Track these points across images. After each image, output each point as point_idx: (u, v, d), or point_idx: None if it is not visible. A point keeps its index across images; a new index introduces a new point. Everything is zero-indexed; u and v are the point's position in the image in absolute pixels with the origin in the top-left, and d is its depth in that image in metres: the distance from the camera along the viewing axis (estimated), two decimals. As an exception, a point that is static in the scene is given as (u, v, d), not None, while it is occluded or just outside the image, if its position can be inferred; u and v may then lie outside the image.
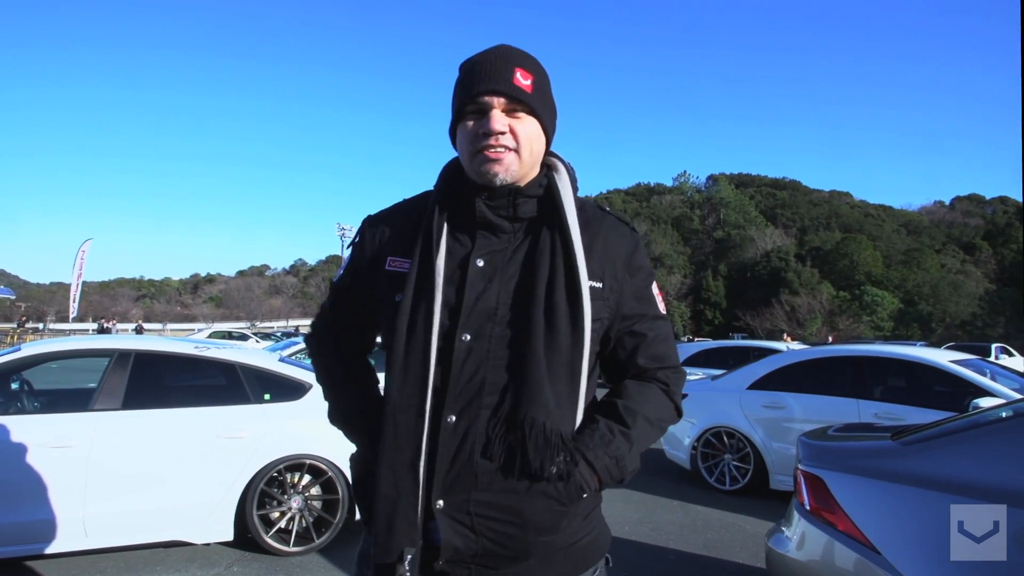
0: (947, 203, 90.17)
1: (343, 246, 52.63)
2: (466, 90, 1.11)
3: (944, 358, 5.46)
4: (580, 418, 1.12)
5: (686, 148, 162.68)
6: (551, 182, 1.16)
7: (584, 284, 1.09)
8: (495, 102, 1.09)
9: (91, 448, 3.52)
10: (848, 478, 2.41)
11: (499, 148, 1.08)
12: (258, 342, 23.03)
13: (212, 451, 3.78)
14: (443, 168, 1.22)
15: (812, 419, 5.17)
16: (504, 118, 1.09)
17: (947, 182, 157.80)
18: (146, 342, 4.27)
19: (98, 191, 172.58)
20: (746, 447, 5.75)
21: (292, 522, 3.96)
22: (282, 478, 3.94)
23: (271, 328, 51.03)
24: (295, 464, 3.96)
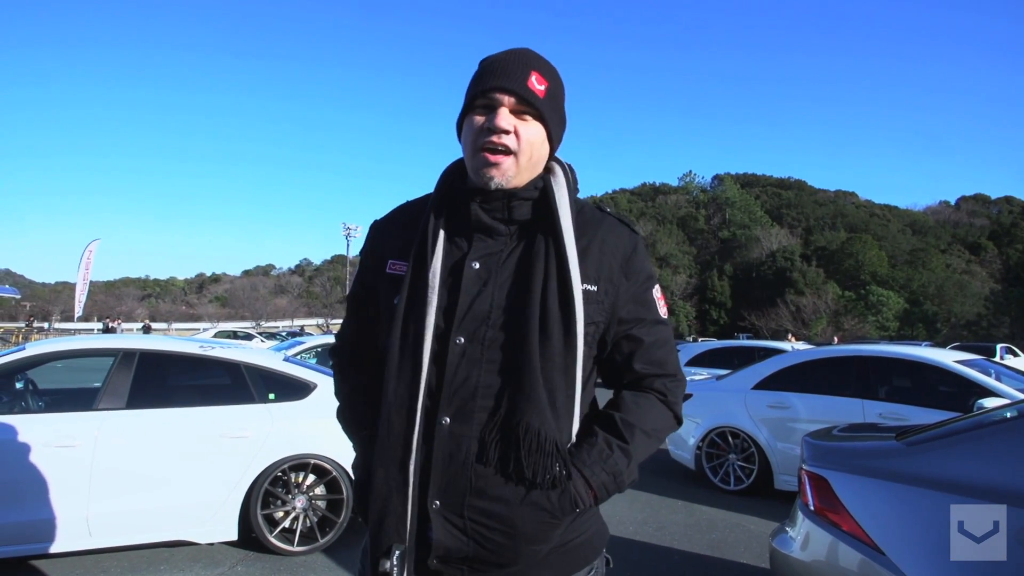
0: (952, 203, 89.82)
1: (348, 246, 52.81)
2: (479, 84, 1.11)
3: (949, 358, 5.44)
4: (577, 424, 1.12)
5: (692, 148, 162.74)
6: (547, 184, 1.15)
7: (577, 288, 1.09)
8: (505, 100, 1.09)
9: (95, 447, 3.53)
10: (852, 478, 2.40)
11: (499, 148, 1.09)
12: (263, 342, 23.09)
13: (216, 451, 3.79)
14: (443, 171, 1.22)
15: (817, 419, 5.16)
16: (511, 118, 1.09)
17: (952, 182, 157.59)
18: (150, 341, 4.29)
19: (103, 191, 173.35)
20: (751, 447, 5.73)
21: (296, 522, 3.96)
22: (286, 478, 3.95)
23: (276, 328, 51.14)
24: (299, 464, 3.97)
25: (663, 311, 1.23)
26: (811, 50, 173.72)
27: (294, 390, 4.16)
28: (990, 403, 4.01)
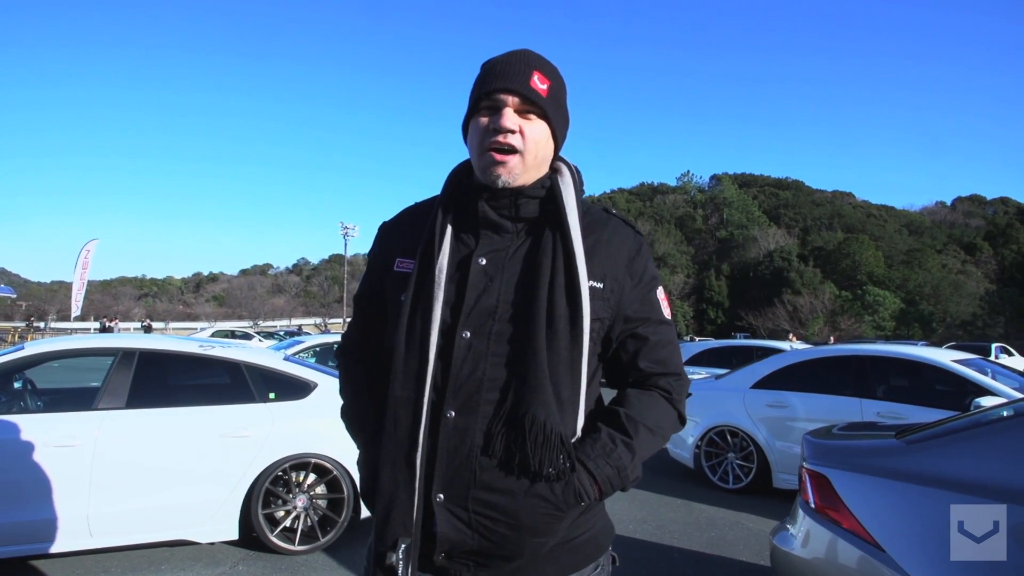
0: (948, 203, 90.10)
1: (346, 245, 52.70)
2: (483, 86, 1.13)
3: (947, 358, 5.47)
4: (582, 420, 1.13)
5: (690, 148, 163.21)
6: (554, 184, 1.17)
7: (583, 284, 1.10)
8: (509, 100, 1.11)
9: (95, 447, 3.52)
10: (853, 476, 2.41)
11: (505, 147, 1.10)
12: (261, 341, 23.04)
13: (217, 450, 3.79)
14: (451, 170, 1.24)
15: (815, 418, 5.19)
16: (516, 117, 1.11)
17: (949, 183, 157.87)
18: (150, 341, 4.28)
19: (100, 190, 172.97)
20: (749, 446, 5.75)
21: (297, 521, 3.97)
22: (287, 477, 3.95)
23: (274, 327, 51.07)
24: (300, 463, 3.97)
25: (667, 312, 1.24)
26: (809, 51, 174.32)
27: (295, 389, 4.16)
28: (987, 402, 4.04)
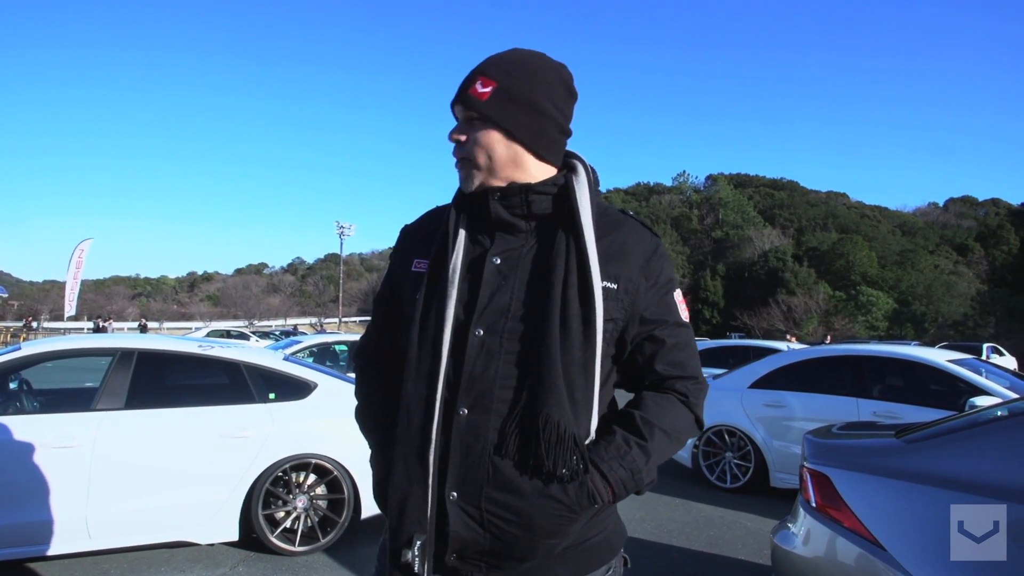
0: (941, 205, 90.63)
1: (342, 244, 52.63)
2: None
3: (942, 358, 5.52)
4: (595, 422, 1.12)
5: (685, 148, 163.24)
6: (568, 182, 1.17)
7: (597, 284, 1.10)
8: (457, 111, 1.16)
9: (94, 448, 3.50)
10: (854, 475, 2.43)
11: (458, 156, 1.15)
12: (257, 341, 22.98)
13: (217, 451, 3.78)
14: None
15: (812, 418, 5.22)
16: (463, 127, 1.15)
17: (941, 184, 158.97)
18: (149, 341, 4.26)
19: (93, 189, 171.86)
20: (747, 445, 5.78)
21: (297, 522, 3.96)
22: (287, 478, 3.95)
23: (269, 327, 50.89)
24: (300, 464, 3.96)
25: (685, 315, 1.24)
26: (806, 51, 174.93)
27: (295, 390, 4.15)
28: (982, 402, 4.09)
